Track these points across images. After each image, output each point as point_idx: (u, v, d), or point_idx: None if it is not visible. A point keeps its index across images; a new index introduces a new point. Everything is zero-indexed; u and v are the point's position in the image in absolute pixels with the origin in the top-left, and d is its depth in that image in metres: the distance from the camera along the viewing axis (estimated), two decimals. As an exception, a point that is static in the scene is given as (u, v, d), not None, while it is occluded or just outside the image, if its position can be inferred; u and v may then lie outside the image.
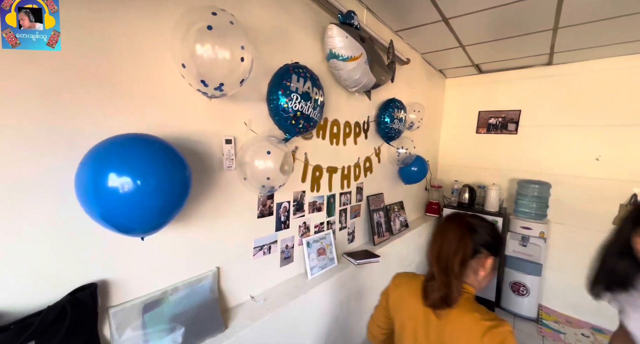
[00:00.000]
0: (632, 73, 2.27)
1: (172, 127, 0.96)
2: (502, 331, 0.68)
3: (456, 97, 3.24)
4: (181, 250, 1.02)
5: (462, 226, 0.78)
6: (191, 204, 1.02)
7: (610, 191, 2.39)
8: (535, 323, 2.50)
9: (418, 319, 0.80)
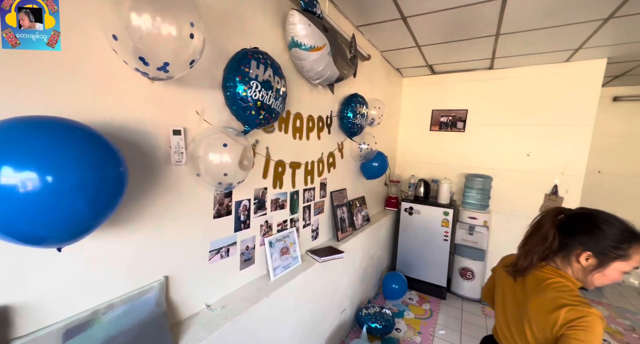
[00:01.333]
0: (554, 80, 2.61)
1: (101, 112, 0.79)
2: (586, 311, 0.74)
3: (412, 96, 3.40)
4: (118, 260, 0.86)
5: (550, 221, 0.90)
6: (130, 205, 0.87)
7: (537, 183, 2.74)
8: (479, 304, 2.77)
9: (506, 287, 0.99)
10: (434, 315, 2.54)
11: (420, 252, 2.91)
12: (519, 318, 0.89)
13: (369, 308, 2.25)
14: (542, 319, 0.80)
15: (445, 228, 2.77)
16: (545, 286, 0.84)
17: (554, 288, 0.83)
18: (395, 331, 2.27)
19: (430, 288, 2.87)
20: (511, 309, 0.94)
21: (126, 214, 0.86)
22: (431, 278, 2.86)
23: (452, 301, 2.79)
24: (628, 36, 1.99)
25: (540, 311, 0.81)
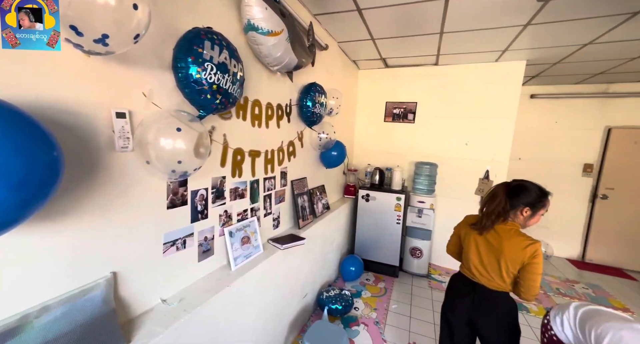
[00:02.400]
0: (487, 77, 2.96)
1: (21, 88, 0.68)
2: (538, 245, 1.20)
3: (368, 88, 3.54)
4: (54, 257, 0.77)
5: (502, 191, 1.31)
6: (68, 195, 0.78)
7: (473, 169, 3.12)
8: (426, 278, 3.10)
9: (478, 239, 1.35)
10: (388, 292, 2.77)
11: (376, 236, 3.11)
12: (494, 259, 1.28)
13: (330, 291, 2.36)
14: (516, 256, 1.22)
15: (398, 212, 3.00)
16: (512, 234, 1.26)
17: (518, 234, 1.25)
18: (354, 310, 2.42)
19: (385, 267, 3.11)
20: (485, 253, 1.31)
21: (64, 205, 0.77)
22: (385, 259, 3.10)
23: (403, 278, 3.07)
24: (542, 42, 2.34)
25: (514, 251, 1.22)
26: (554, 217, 3.83)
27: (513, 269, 1.24)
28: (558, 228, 3.84)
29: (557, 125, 3.71)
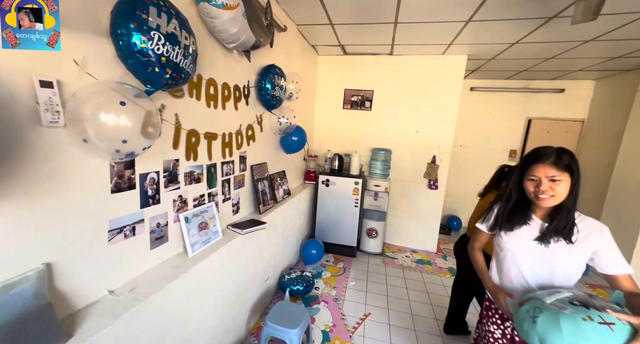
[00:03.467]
0: (435, 69, 3.20)
1: None
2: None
3: (327, 74, 3.56)
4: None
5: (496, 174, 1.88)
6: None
7: (423, 154, 3.41)
8: (381, 256, 3.35)
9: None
10: (346, 271, 2.93)
11: (336, 219, 3.24)
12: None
13: (291, 274, 2.42)
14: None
15: (356, 196, 3.15)
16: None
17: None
18: (314, 290, 2.53)
19: (344, 249, 3.27)
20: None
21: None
22: (344, 241, 3.26)
23: (360, 258, 3.28)
24: (480, 38, 2.60)
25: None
26: (486, 197, 4.41)
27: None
28: (489, 206, 4.43)
29: (491, 115, 4.21)
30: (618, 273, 0.91)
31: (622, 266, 0.91)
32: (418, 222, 3.56)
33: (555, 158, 0.92)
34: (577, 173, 0.92)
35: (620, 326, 0.62)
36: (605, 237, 0.93)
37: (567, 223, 0.94)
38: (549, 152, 0.95)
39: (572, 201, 0.93)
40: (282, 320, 1.60)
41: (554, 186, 0.92)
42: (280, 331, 1.55)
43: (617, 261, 0.91)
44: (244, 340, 1.85)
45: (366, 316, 2.22)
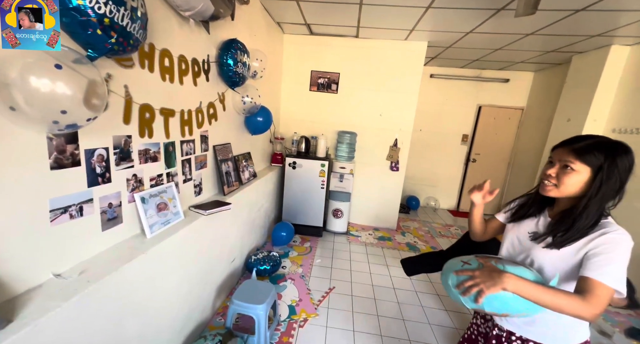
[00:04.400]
0: (397, 54, 3.30)
1: None
2: None
3: (293, 54, 3.47)
4: None
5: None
6: None
7: (385, 137, 3.57)
8: (346, 235, 3.52)
9: None
10: (313, 250, 3.04)
11: (303, 201, 3.30)
12: None
13: (258, 254, 2.44)
14: None
15: (322, 178, 3.22)
16: None
17: None
18: (281, 269, 2.59)
19: (310, 229, 3.37)
20: None
21: None
22: (311, 221, 3.35)
23: (326, 237, 3.41)
24: (439, 26, 2.73)
25: None
26: (441, 177, 4.81)
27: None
28: (443, 186, 4.85)
29: (447, 102, 4.51)
30: (587, 275, 0.68)
31: (601, 273, 0.67)
32: (380, 202, 3.77)
33: (583, 145, 0.74)
34: (611, 176, 0.70)
35: (474, 263, 0.80)
36: (603, 241, 0.70)
37: (575, 232, 0.73)
38: (580, 139, 0.77)
39: (590, 206, 0.72)
40: (248, 297, 1.64)
41: (563, 175, 0.75)
42: (246, 307, 1.58)
43: (603, 268, 0.68)
44: (210, 319, 1.86)
45: (331, 289, 2.36)
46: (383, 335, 1.89)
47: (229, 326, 1.60)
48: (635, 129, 2.66)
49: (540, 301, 0.68)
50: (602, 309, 0.65)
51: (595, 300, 0.65)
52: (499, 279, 0.70)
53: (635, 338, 2.04)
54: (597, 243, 0.71)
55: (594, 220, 0.73)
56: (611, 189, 0.71)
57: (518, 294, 0.69)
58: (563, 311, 0.67)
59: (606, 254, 0.69)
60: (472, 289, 0.72)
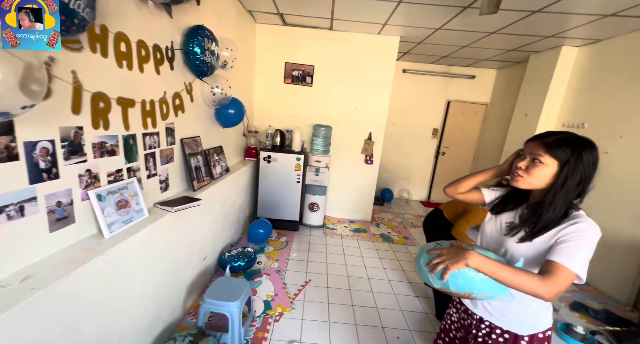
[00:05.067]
0: (371, 48, 3.33)
1: None
2: None
3: (266, 45, 3.37)
4: None
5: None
6: None
7: (360, 131, 3.61)
8: (322, 228, 3.55)
9: None
10: (289, 244, 3.03)
11: (278, 195, 3.26)
12: None
13: (232, 251, 2.38)
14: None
15: (298, 172, 3.20)
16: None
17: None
18: (257, 264, 2.55)
19: (287, 223, 3.35)
20: None
21: None
22: (287, 215, 3.32)
23: (303, 231, 3.41)
24: (411, 21, 2.78)
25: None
26: (413, 170, 4.99)
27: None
28: (416, 178, 5.05)
29: (419, 97, 4.66)
30: (553, 259, 0.71)
31: (566, 258, 0.70)
32: (355, 195, 3.84)
33: (552, 139, 0.76)
34: (576, 169, 0.73)
35: (446, 244, 0.84)
36: (573, 230, 0.73)
37: (543, 225, 0.77)
38: (550, 134, 0.79)
39: (556, 199, 0.75)
40: (221, 295, 1.59)
41: (532, 168, 0.78)
42: (219, 305, 1.54)
43: (569, 253, 0.70)
44: (181, 319, 1.79)
45: (307, 282, 2.37)
46: (358, 324, 1.94)
47: (200, 325, 1.55)
48: (581, 124, 2.93)
49: (501, 277, 0.70)
50: (561, 291, 0.68)
51: (556, 281, 0.67)
52: (463, 255, 0.74)
53: (578, 311, 2.28)
54: (567, 231, 0.74)
55: (562, 212, 0.76)
56: (576, 183, 0.74)
57: (480, 270, 0.72)
58: (523, 288, 0.69)
59: (574, 241, 0.72)
60: (439, 266, 0.75)
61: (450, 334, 1.06)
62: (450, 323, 1.07)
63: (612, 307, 2.35)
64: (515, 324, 0.87)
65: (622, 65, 2.61)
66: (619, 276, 2.44)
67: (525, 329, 0.86)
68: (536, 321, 0.86)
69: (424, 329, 1.95)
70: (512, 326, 0.87)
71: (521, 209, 0.90)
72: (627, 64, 2.57)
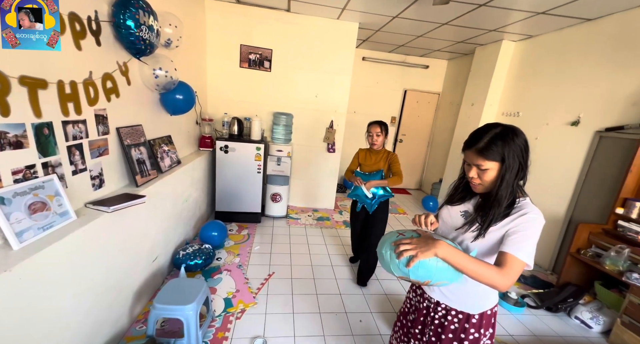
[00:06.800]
0: (331, 34, 3.26)
1: None
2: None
3: (219, 24, 3.08)
4: None
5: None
6: None
7: (321, 119, 3.56)
8: (285, 218, 3.50)
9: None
10: (251, 237, 2.93)
11: (238, 187, 3.10)
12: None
13: (187, 248, 2.21)
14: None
15: (259, 162, 3.06)
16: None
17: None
18: (216, 261, 2.42)
19: (248, 216, 3.22)
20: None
21: None
22: (248, 208, 3.19)
23: (265, 222, 3.32)
24: (369, 7, 2.75)
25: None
26: (374, 158, 5.13)
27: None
28: (376, 166, 5.21)
29: (377, 85, 4.74)
30: (506, 250, 0.77)
31: (517, 248, 0.76)
32: (318, 184, 3.83)
33: (482, 145, 0.80)
34: (512, 161, 0.78)
35: (409, 234, 0.85)
36: (522, 221, 0.79)
37: (492, 217, 0.82)
38: (478, 137, 0.82)
39: (502, 192, 0.80)
40: (173, 298, 1.46)
41: (482, 175, 0.83)
42: (171, 310, 1.41)
43: (519, 244, 0.76)
44: (128, 329, 1.62)
45: (270, 275, 2.32)
46: (322, 312, 1.96)
47: (151, 333, 1.42)
48: (516, 112, 3.26)
49: (465, 268, 0.74)
50: (514, 281, 0.75)
51: (510, 272, 0.73)
52: (433, 244, 0.75)
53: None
54: (516, 223, 0.80)
55: (508, 203, 0.82)
56: (516, 170, 0.80)
57: (447, 260, 0.75)
58: (481, 279, 0.74)
59: (523, 232, 0.78)
60: (407, 252, 0.76)
61: (408, 316, 1.11)
62: (410, 306, 1.11)
63: (537, 272, 2.74)
64: (467, 305, 0.93)
65: (548, 59, 2.93)
66: (543, 246, 2.83)
67: (476, 308, 0.92)
68: (485, 301, 0.93)
69: (384, 310, 2.06)
70: (465, 307, 0.93)
71: (474, 199, 0.94)
72: (552, 59, 2.89)
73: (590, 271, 2.32)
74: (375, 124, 2.17)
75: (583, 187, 2.56)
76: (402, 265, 0.77)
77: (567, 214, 2.67)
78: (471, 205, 0.94)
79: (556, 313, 2.19)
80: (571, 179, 2.63)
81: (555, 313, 2.19)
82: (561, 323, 2.11)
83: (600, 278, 2.29)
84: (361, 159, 2.31)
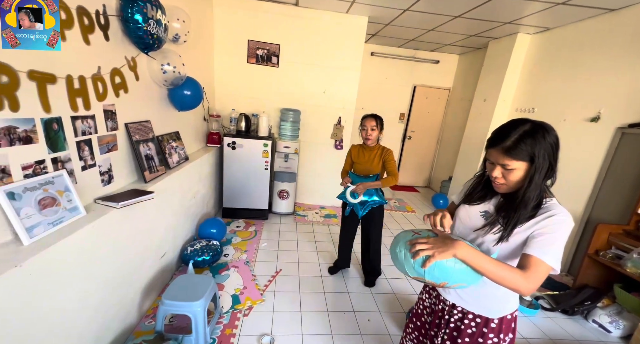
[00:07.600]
0: (340, 28, 3.19)
1: None
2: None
3: (226, 20, 3.05)
4: None
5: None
6: None
7: (330, 115, 3.52)
8: (293, 215, 3.48)
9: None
10: (258, 234, 2.92)
11: (245, 184, 3.09)
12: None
13: (195, 244, 2.22)
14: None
15: (266, 158, 3.04)
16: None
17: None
18: (223, 257, 2.42)
19: (255, 212, 3.22)
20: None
21: None
22: (255, 204, 3.18)
23: (272, 219, 3.31)
24: (379, 1, 2.68)
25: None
26: (382, 156, 5.06)
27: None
28: (384, 164, 5.14)
29: (386, 81, 4.65)
30: (531, 253, 0.72)
31: (543, 252, 0.71)
32: (326, 181, 3.80)
33: (510, 143, 0.73)
34: (542, 161, 0.72)
35: (424, 233, 0.81)
36: (549, 222, 0.73)
37: (517, 219, 0.76)
38: (505, 135, 0.75)
39: (529, 193, 0.74)
40: (182, 294, 1.46)
41: (507, 175, 0.76)
42: (180, 306, 1.41)
43: (546, 247, 0.71)
44: (137, 324, 1.63)
45: (277, 272, 2.31)
46: (329, 310, 1.94)
47: (159, 329, 1.42)
48: (531, 108, 3.14)
49: (487, 271, 0.69)
50: (538, 285, 0.69)
51: (535, 276, 0.69)
52: (452, 245, 0.71)
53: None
54: (543, 224, 0.74)
55: (535, 204, 0.76)
56: (546, 170, 0.74)
57: (466, 261, 0.70)
58: (504, 282, 0.69)
59: (550, 234, 0.72)
60: (423, 252, 0.71)
61: (422, 318, 1.07)
62: (423, 308, 1.07)
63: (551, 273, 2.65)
64: (486, 308, 0.88)
65: (566, 52, 2.81)
66: (559, 247, 2.73)
67: (495, 312, 0.88)
68: (505, 305, 0.88)
69: (393, 309, 2.02)
70: (483, 311, 0.88)
71: (495, 198, 0.88)
72: (570, 52, 2.76)
73: (609, 273, 2.23)
74: (369, 118, 2.03)
75: (602, 186, 2.45)
76: (418, 265, 0.73)
77: (585, 213, 2.57)
78: (492, 205, 0.87)
79: (572, 316, 2.12)
80: (590, 177, 2.53)
81: (571, 315, 2.12)
82: (578, 326, 2.04)
83: (620, 280, 2.20)
84: (354, 156, 2.14)
